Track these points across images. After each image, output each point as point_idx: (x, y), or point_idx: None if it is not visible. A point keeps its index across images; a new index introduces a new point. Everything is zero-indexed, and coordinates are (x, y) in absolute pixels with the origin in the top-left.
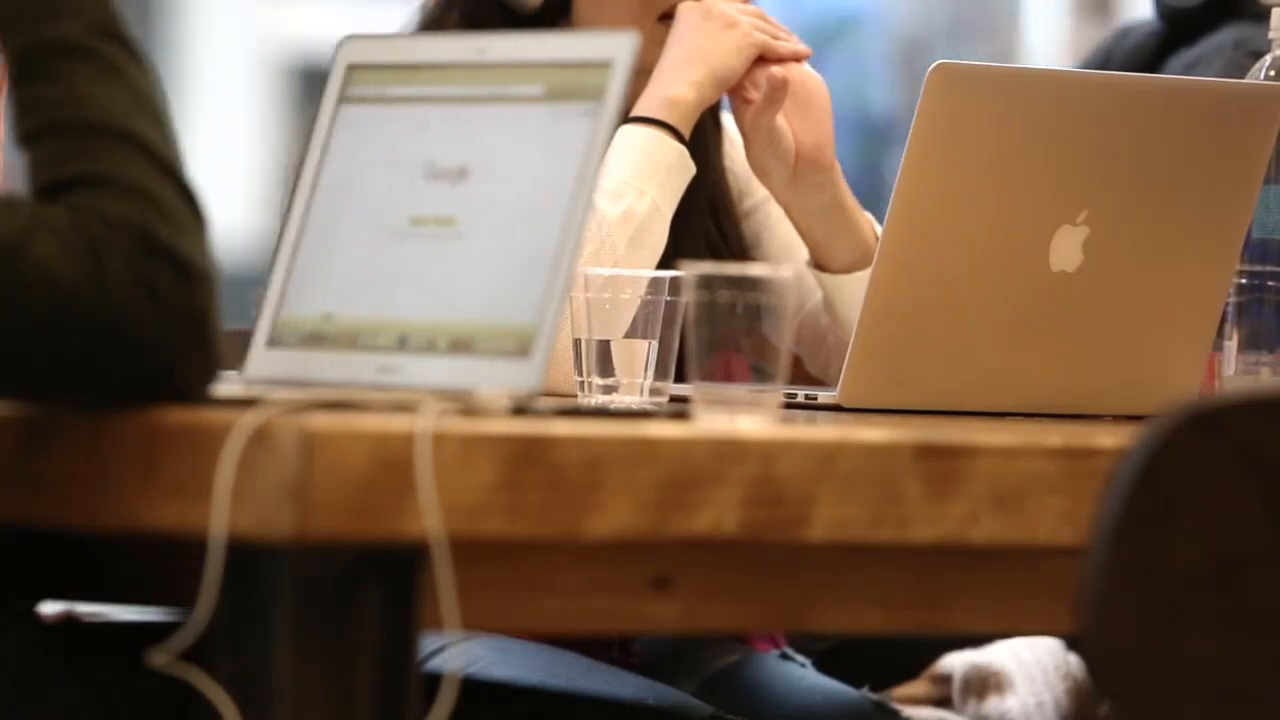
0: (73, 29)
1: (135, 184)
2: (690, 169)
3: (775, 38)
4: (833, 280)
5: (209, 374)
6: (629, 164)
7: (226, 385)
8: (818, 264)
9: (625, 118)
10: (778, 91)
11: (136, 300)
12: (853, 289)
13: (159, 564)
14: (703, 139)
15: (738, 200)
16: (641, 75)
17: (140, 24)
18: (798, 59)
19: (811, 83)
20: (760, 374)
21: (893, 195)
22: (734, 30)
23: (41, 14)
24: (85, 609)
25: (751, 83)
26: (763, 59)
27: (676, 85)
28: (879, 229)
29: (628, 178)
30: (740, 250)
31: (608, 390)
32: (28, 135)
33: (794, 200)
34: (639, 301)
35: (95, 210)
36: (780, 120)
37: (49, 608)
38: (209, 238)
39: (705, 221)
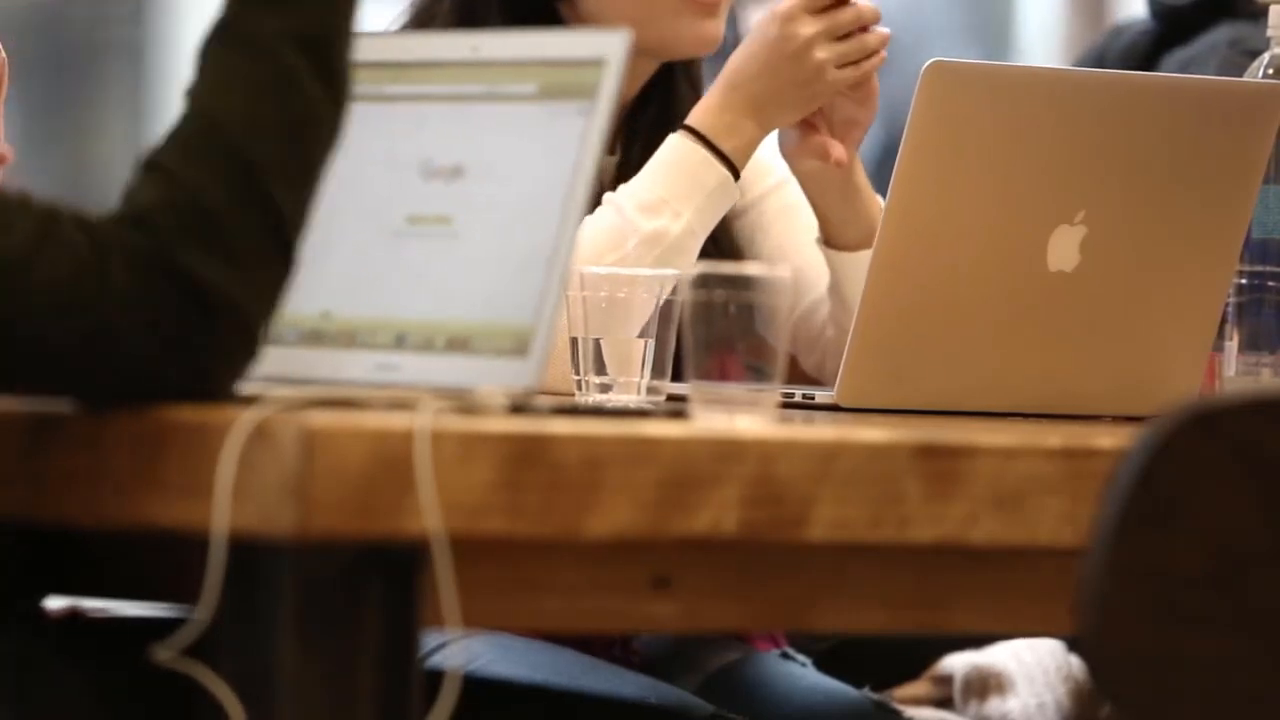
0: (271, 26)
1: (201, 204)
2: (733, 196)
3: (846, 53)
4: (841, 259)
5: (212, 396)
6: (671, 181)
7: None
8: (826, 240)
9: (680, 125)
10: (835, 165)
11: (135, 318)
12: (860, 269)
13: (160, 561)
14: None
15: None
16: (644, 55)
17: (138, 24)
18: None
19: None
20: (757, 373)
21: (888, 194)
22: (815, 85)
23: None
24: (90, 604)
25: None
26: None
27: (746, 119)
28: None
29: (666, 195)
30: (734, 250)
31: (604, 389)
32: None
33: (810, 179)
34: (642, 301)
35: (132, 213)
36: None
37: (53, 603)
38: (272, 283)
39: None
